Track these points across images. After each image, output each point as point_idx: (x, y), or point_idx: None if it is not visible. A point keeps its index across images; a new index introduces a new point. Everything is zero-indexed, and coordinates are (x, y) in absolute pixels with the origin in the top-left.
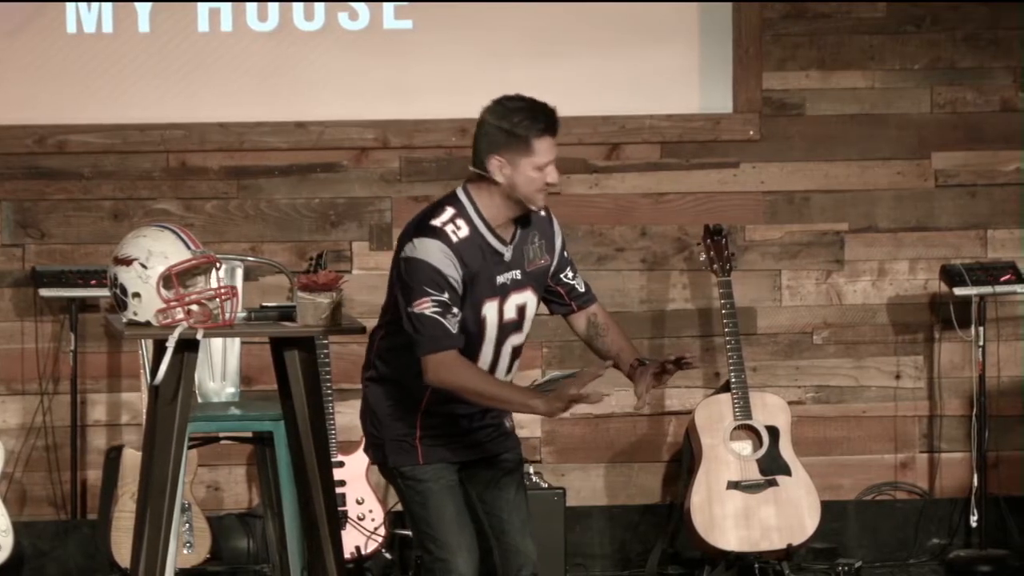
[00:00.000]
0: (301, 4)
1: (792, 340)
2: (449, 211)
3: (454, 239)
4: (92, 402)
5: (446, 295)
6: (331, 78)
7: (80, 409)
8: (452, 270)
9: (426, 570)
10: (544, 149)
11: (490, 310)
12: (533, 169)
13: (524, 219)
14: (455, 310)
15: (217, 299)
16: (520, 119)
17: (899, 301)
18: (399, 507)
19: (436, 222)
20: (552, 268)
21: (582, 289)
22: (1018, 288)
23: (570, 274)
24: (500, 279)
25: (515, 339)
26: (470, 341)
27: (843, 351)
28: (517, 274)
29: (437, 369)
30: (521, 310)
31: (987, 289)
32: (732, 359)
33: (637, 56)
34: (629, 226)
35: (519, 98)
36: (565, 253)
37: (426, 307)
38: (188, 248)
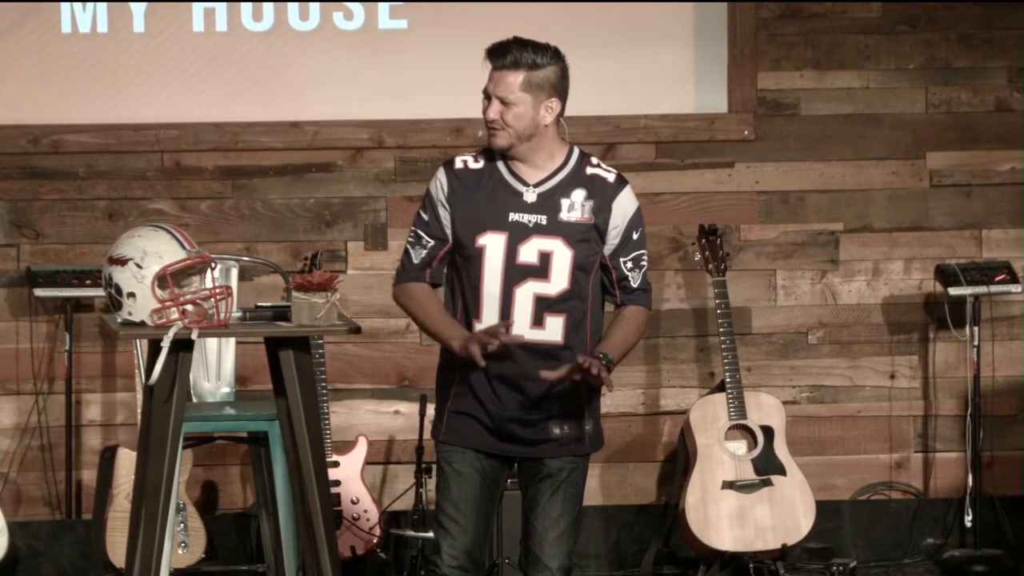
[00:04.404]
0: (296, 4)
1: (787, 340)
2: (481, 148)
3: (457, 166)
4: (87, 402)
5: (427, 216)
6: (326, 78)
7: (75, 409)
8: (440, 192)
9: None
10: (489, 77)
11: (492, 242)
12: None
13: (572, 172)
14: (424, 236)
15: (212, 299)
16: None
17: (894, 301)
18: (394, 507)
19: (458, 155)
20: (607, 241)
21: (634, 285)
22: (1012, 288)
23: (628, 264)
24: (514, 216)
25: (539, 287)
26: (469, 268)
27: (838, 351)
28: (543, 219)
29: (396, 295)
30: (545, 257)
31: (982, 289)
32: (727, 359)
33: (632, 56)
34: None
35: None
36: (633, 236)
37: (408, 237)
38: (183, 248)
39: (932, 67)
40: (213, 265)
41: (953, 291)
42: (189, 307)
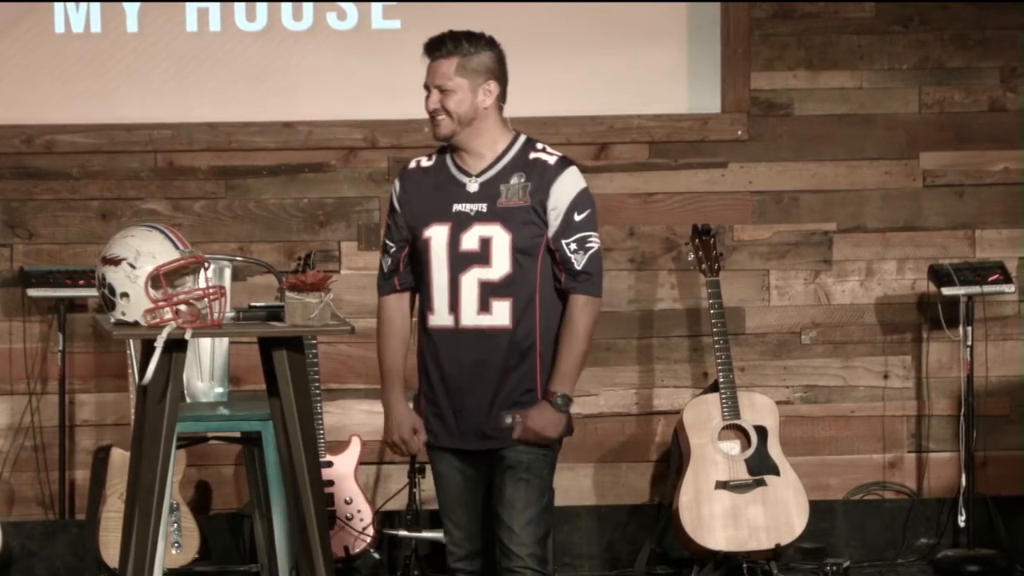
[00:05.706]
0: (289, 4)
1: (780, 340)
2: (437, 149)
3: (411, 166)
4: (80, 402)
5: (390, 221)
6: (319, 78)
7: (68, 409)
8: (395, 197)
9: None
10: (427, 71)
11: (436, 233)
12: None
13: (514, 158)
14: (389, 243)
15: (205, 299)
16: None
17: (887, 301)
18: (387, 507)
19: (413, 158)
20: (548, 222)
21: (577, 267)
22: (1006, 288)
23: (572, 246)
24: (457, 207)
25: (482, 273)
26: (421, 261)
27: (831, 351)
28: (483, 207)
29: (377, 307)
30: (485, 243)
31: (975, 289)
32: (720, 359)
33: (625, 56)
34: (617, 226)
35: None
36: (575, 218)
37: (381, 246)
38: (176, 248)
39: (925, 67)
40: (206, 265)
41: (946, 291)
42: (182, 307)
